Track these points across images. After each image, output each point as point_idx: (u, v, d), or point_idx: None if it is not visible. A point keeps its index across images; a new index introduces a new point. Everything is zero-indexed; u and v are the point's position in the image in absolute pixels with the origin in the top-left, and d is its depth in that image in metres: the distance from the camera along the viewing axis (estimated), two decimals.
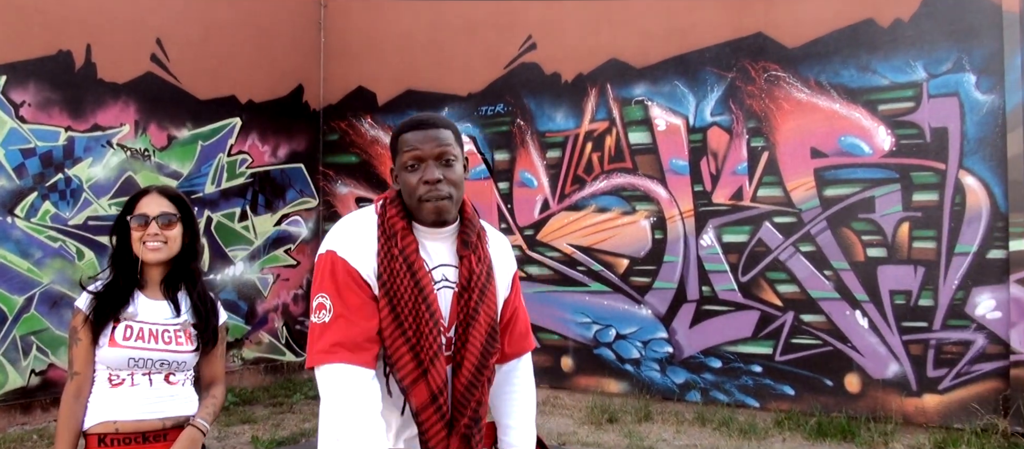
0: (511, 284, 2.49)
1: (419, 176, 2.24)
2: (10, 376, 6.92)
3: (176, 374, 2.89)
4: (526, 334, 2.53)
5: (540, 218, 8.25)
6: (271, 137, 9.04)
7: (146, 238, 2.86)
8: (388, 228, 2.28)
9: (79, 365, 2.81)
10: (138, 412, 2.80)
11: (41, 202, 7.14)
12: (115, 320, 2.82)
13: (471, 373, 2.30)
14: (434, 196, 2.23)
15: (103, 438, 2.77)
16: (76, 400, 2.79)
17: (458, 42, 8.64)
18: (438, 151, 2.25)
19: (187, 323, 2.92)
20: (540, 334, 8.20)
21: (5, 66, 6.89)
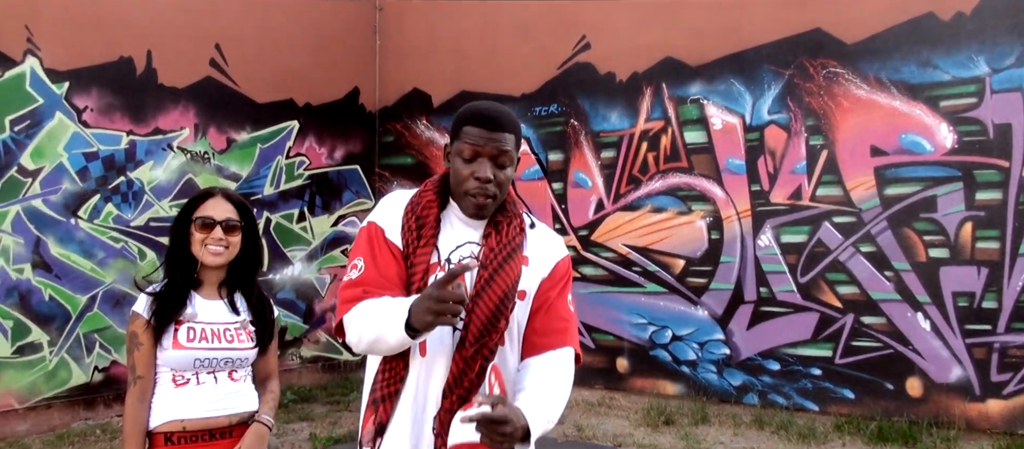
0: (550, 273, 2.47)
1: (471, 169, 2.32)
2: (74, 373, 7.23)
3: (238, 371, 2.96)
4: (562, 331, 2.45)
5: (594, 218, 8.34)
6: (328, 139, 9.28)
7: (209, 242, 2.91)
8: (417, 199, 2.41)
9: (142, 369, 2.86)
10: (205, 410, 2.86)
11: (104, 204, 7.45)
12: (176, 322, 2.87)
13: (470, 349, 2.29)
14: (480, 193, 2.32)
15: (170, 436, 2.83)
16: (141, 403, 2.84)
17: (512, 43, 8.77)
18: (496, 151, 2.32)
19: (246, 321, 2.99)
20: (595, 335, 8.31)
21: (68, 73, 7.20)
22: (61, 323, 7.16)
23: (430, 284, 2.12)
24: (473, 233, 2.42)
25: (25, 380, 6.92)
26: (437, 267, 2.35)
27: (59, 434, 6.93)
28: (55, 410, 7.11)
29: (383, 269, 2.34)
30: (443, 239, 2.39)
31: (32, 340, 6.96)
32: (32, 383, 6.96)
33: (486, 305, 2.30)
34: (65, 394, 7.18)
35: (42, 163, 7.03)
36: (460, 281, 2.14)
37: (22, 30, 6.89)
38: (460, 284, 2.10)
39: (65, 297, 7.20)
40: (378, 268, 2.34)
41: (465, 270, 2.10)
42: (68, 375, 7.20)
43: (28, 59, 6.93)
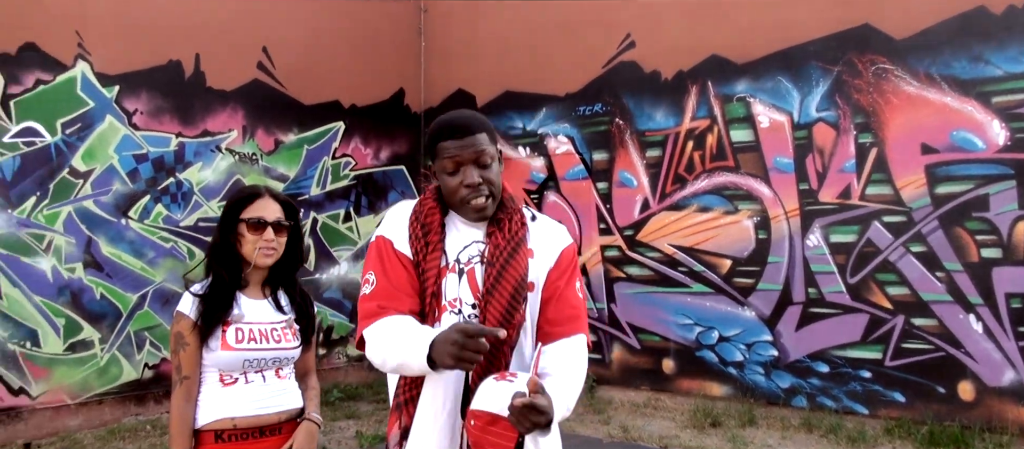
0: (556, 262, 2.53)
1: (459, 179, 2.40)
2: (124, 369, 7.42)
3: (284, 368, 2.99)
4: (574, 318, 2.51)
5: (640, 218, 8.31)
6: (373, 140, 9.39)
7: (261, 243, 2.92)
8: (420, 207, 2.49)
9: (188, 369, 2.86)
10: (255, 408, 2.89)
11: (154, 205, 7.63)
12: (223, 324, 2.88)
13: (490, 345, 2.28)
14: (474, 196, 2.40)
15: (221, 434, 2.85)
16: (187, 403, 2.85)
17: (556, 42, 8.78)
18: (475, 154, 2.40)
19: (291, 320, 3.01)
20: (641, 335, 8.28)
21: (118, 77, 7.38)
22: (112, 321, 7.35)
23: (455, 327, 2.15)
24: (477, 233, 2.49)
25: (77, 376, 7.12)
26: (446, 270, 2.42)
27: (110, 429, 7.11)
28: (106, 406, 7.29)
29: (394, 281, 2.41)
30: (450, 243, 2.46)
31: (84, 337, 7.16)
32: (84, 379, 7.16)
33: (499, 300, 2.38)
34: (116, 390, 7.37)
35: (93, 165, 7.22)
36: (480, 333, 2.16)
37: (73, 36, 7.08)
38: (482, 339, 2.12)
39: (116, 296, 7.38)
40: (389, 280, 2.41)
41: (498, 335, 2.12)
42: (119, 372, 7.39)
43: (79, 64, 7.12)
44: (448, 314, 2.40)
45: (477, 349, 2.10)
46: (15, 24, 6.76)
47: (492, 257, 2.42)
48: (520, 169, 9.02)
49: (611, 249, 8.48)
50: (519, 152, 9.06)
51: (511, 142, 9.05)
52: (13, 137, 6.75)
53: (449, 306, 2.41)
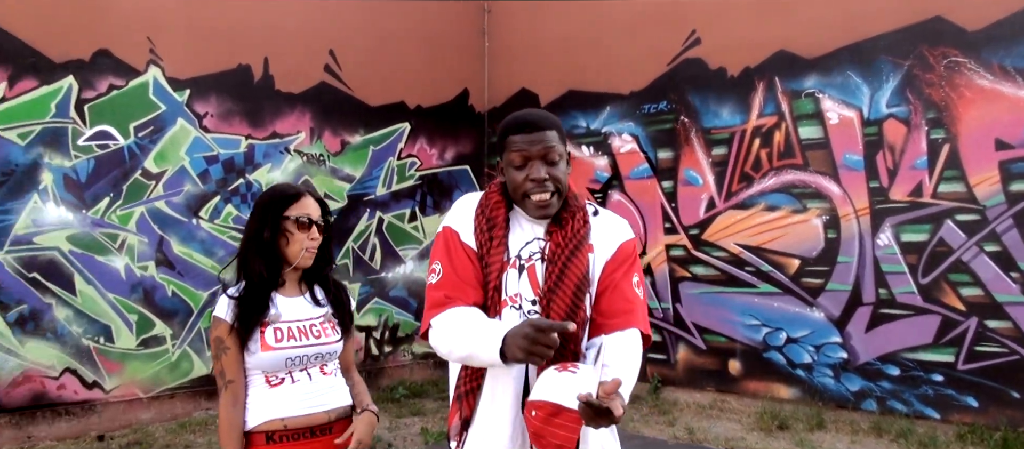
0: (614, 254, 2.54)
1: (525, 174, 2.43)
2: (195, 365, 7.65)
3: (328, 364, 2.96)
4: (628, 311, 2.50)
5: (706, 217, 8.21)
6: (438, 140, 9.49)
7: (308, 243, 2.90)
8: (485, 201, 2.53)
9: (232, 373, 2.84)
10: (304, 407, 2.86)
11: (224, 205, 7.85)
12: (261, 325, 2.85)
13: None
14: (538, 191, 2.42)
15: (272, 435, 2.82)
16: (234, 406, 2.82)
17: (620, 40, 8.73)
18: (543, 150, 2.42)
19: (329, 313, 2.99)
20: (707, 336, 8.18)
21: (189, 81, 7.60)
22: (183, 318, 7.58)
23: (528, 322, 2.18)
24: (540, 230, 2.51)
25: (149, 371, 7.37)
26: (508, 265, 2.46)
27: (181, 422, 7.33)
28: (177, 400, 7.53)
29: (460, 272, 2.45)
30: (513, 238, 2.49)
31: (156, 333, 7.40)
32: (156, 374, 7.41)
33: (562, 298, 2.40)
34: (187, 385, 7.60)
35: (165, 167, 7.46)
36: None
37: (145, 42, 7.32)
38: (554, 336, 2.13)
39: (187, 293, 7.62)
40: (456, 271, 2.44)
41: (567, 329, 2.12)
42: (190, 367, 7.62)
43: (151, 69, 7.37)
44: (508, 309, 2.43)
45: (548, 344, 2.11)
46: (89, 31, 7.02)
47: (553, 254, 2.45)
48: (584, 168, 8.99)
49: (676, 248, 8.39)
50: (583, 151, 9.04)
51: (575, 141, 9.03)
52: (87, 140, 7.02)
53: (510, 301, 2.44)
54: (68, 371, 6.88)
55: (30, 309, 6.69)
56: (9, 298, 6.58)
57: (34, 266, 6.72)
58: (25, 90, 6.67)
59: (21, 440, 6.58)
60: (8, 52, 6.58)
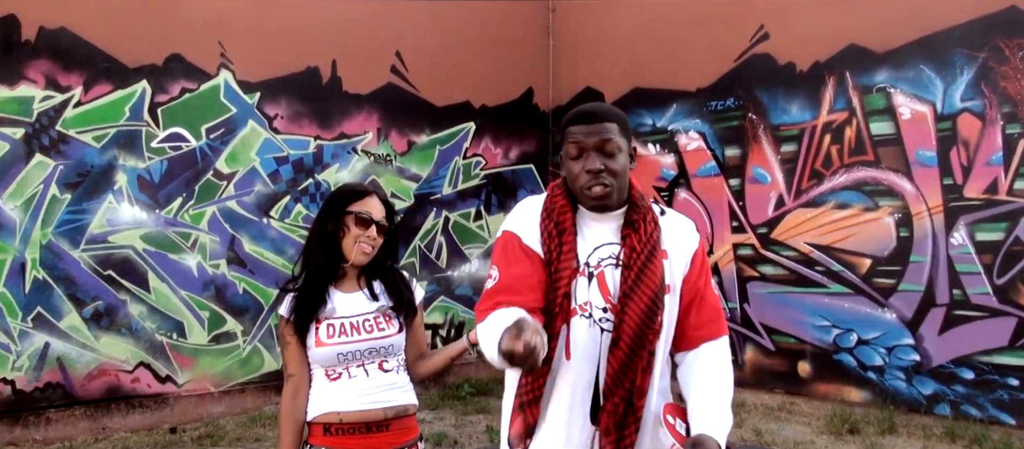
0: (690, 263, 2.52)
1: (581, 165, 2.40)
2: (265, 360, 7.86)
3: (388, 360, 2.96)
4: (715, 319, 2.53)
5: (774, 215, 8.07)
6: (503, 139, 9.55)
7: (363, 239, 2.94)
8: (550, 204, 2.48)
9: (293, 367, 2.94)
10: (360, 403, 2.90)
11: (293, 204, 8.04)
12: (316, 320, 2.93)
13: (627, 349, 2.36)
14: (593, 184, 2.38)
15: (329, 427, 2.89)
16: (293, 400, 2.92)
17: (686, 37, 8.63)
18: (600, 141, 2.38)
19: (384, 307, 3.00)
20: (775, 337, 8.04)
21: (259, 83, 7.82)
22: (254, 314, 7.80)
23: (518, 321, 2.11)
24: (609, 233, 2.47)
25: (221, 366, 7.60)
26: (577, 273, 2.41)
27: (251, 416, 7.54)
28: (248, 394, 7.75)
29: (517, 275, 2.40)
30: (581, 243, 2.45)
31: (227, 329, 7.63)
32: (227, 369, 7.63)
33: (638, 306, 2.36)
34: (257, 379, 7.81)
35: (236, 167, 7.68)
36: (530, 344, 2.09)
37: (216, 46, 7.55)
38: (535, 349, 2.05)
39: (257, 290, 7.83)
40: (511, 276, 2.41)
41: (532, 355, 2.03)
42: (260, 362, 7.83)
43: (222, 72, 7.59)
44: (578, 318, 2.39)
45: (524, 350, 2.01)
46: (161, 37, 7.27)
47: (628, 260, 2.41)
48: (650, 166, 8.93)
49: (744, 247, 8.27)
50: (649, 149, 8.97)
51: (640, 139, 8.97)
52: (161, 142, 7.27)
53: (579, 310, 2.40)
54: (142, 365, 7.15)
55: (105, 305, 6.97)
56: (85, 295, 6.87)
57: (109, 264, 7.00)
58: (100, 94, 6.95)
59: (96, 431, 6.86)
60: (83, 58, 6.87)
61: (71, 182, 6.79)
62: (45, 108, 6.66)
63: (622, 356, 2.35)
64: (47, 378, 6.65)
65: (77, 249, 6.83)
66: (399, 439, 2.96)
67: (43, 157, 6.65)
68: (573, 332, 2.38)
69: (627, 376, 2.35)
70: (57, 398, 6.70)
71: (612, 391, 2.36)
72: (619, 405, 2.35)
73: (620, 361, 2.35)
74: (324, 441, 2.89)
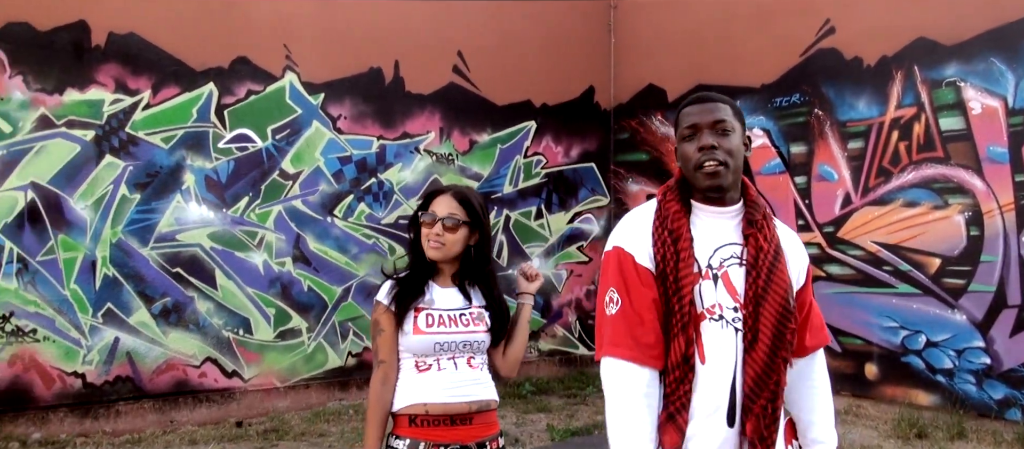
0: (805, 275, 2.53)
1: (695, 144, 2.38)
2: (330, 357, 8.06)
3: (476, 357, 3.08)
4: (822, 327, 2.58)
5: (841, 214, 7.92)
6: (564, 138, 9.58)
7: (430, 237, 3.06)
8: (663, 211, 2.43)
9: (384, 354, 3.04)
10: (446, 395, 3.00)
11: (357, 204, 8.22)
12: (415, 309, 3.03)
13: (766, 352, 2.35)
14: (707, 159, 2.35)
15: (414, 418, 2.98)
16: (383, 385, 3.02)
17: (750, 32, 8.53)
18: (713, 120, 2.38)
19: (479, 308, 3.12)
20: (842, 338, 7.89)
21: (323, 85, 8.02)
22: (318, 311, 7.99)
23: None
24: (728, 231, 2.45)
25: (286, 362, 7.81)
26: (699, 277, 2.38)
27: (315, 412, 7.73)
28: (313, 390, 7.94)
29: (639, 304, 2.37)
30: (700, 245, 2.41)
31: (292, 326, 7.84)
32: (292, 365, 7.84)
33: (772, 306, 2.35)
34: (321, 376, 8.01)
35: (301, 167, 7.88)
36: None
37: (281, 49, 7.77)
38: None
39: (322, 288, 8.02)
40: (634, 304, 2.38)
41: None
42: (324, 358, 8.02)
43: (287, 74, 7.81)
44: (708, 322, 2.37)
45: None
46: (227, 40, 7.51)
47: (756, 260, 2.39)
48: None
49: (810, 246, 8.13)
50: None
51: None
52: (227, 143, 7.51)
53: (707, 313, 2.37)
54: (209, 360, 7.39)
55: (173, 302, 7.24)
56: (154, 292, 7.14)
57: (177, 262, 7.26)
58: (168, 97, 7.22)
59: (164, 424, 7.12)
60: (152, 62, 7.14)
61: (140, 182, 7.08)
62: (115, 111, 6.96)
63: (763, 358, 2.35)
64: (117, 372, 6.95)
65: (146, 247, 7.10)
66: (482, 432, 3.05)
67: (113, 158, 6.95)
68: (706, 336, 2.37)
69: (771, 378, 2.35)
70: (126, 391, 6.99)
71: (757, 393, 2.35)
72: (766, 407, 2.35)
73: (762, 363, 2.35)
74: (409, 432, 2.99)
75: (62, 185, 6.75)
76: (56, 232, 6.72)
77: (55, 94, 6.72)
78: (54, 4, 6.76)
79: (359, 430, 7.12)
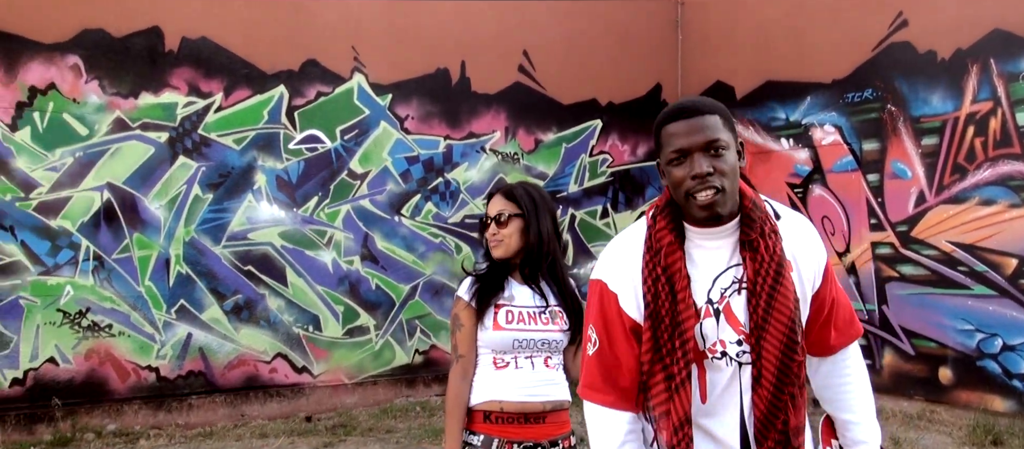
0: (823, 274, 2.30)
1: (685, 170, 2.11)
2: (397, 354, 8.25)
3: (552, 357, 3.13)
4: (851, 321, 2.37)
5: (915, 212, 7.75)
6: (630, 136, 9.58)
7: (489, 238, 3.17)
8: (654, 243, 2.21)
9: (463, 348, 3.12)
10: (522, 394, 3.05)
11: (424, 203, 8.39)
12: (495, 305, 3.10)
13: (771, 388, 2.17)
14: (702, 188, 2.10)
15: (488, 415, 3.05)
16: (462, 380, 3.10)
17: (820, 26, 8.39)
18: (704, 140, 2.11)
19: (556, 308, 3.14)
20: (915, 341, 7.74)
21: (391, 86, 8.21)
22: (386, 309, 8.19)
23: None
24: (726, 254, 2.23)
25: (354, 359, 8.02)
26: (700, 315, 2.20)
27: (383, 408, 7.92)
28: (380, 387, 8.14)
29: (617, 352, 2.25)
30: (697, 277, 2.21)
31: (360, 324, 8.05)
32: (360, 362, 8.05)
33: (775, 337, 2.17)
34: (389, 373, 8.20)
35: (369, 167, 8.08)
36: None
37: (350, 51, 7.98)
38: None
39: (390, 286, 8.21)
40: (612, 347, 2.26)
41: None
42: (392, 356, 8.21)
43: (355, 76, 8.01)
44: (711, 360, 2.21)
45: None
46: (297, 43, 7.74)
47: (754, 286, 2.18)
48: (783, 162, 8.74)
49: (883, 246, 7.98)
50: (782, 144, 8.79)
51: (773, 134, 8.80)
52: (297, 144, 7.75)
53: (709, 353, 2.21)
54: (279, 356, 7.65)
55: (245, 299, 7.51)
56: (226, 289, 7.42)
57: (249, 260, 7.53)
58: (239, 99, 7.51)
59: (235, 418, 7.39)
60: (223, 65, 7.44)
61: (213, 182, 7.37)
62: (188, 113, 7.27)
63: (768, 397, 2.18)
64: (189, 366, 7.26)
65: (218, 245, 7.39)
66: (554, 431, 3.11)
67: (186, 159, 7.25)
68: (709, 375, 2.22)
69: (778, 418, 2.18)
70: (198, 386, 7.29)
71: (764, 435, 2.20)
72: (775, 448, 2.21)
73: (767, 402, 2.18)
74: (484, 428, 3.07)
75: (137, 185, 7.10)
76: (131, 231, 7.06)
77: (130, 98, 7.07)
78: (129, 11, 7.09)
79: (426, 427, 7.27)
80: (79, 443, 6.71)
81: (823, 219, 8.35)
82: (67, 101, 6.85)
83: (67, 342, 6.85)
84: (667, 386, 2.16)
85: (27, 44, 6.72)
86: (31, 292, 6.76)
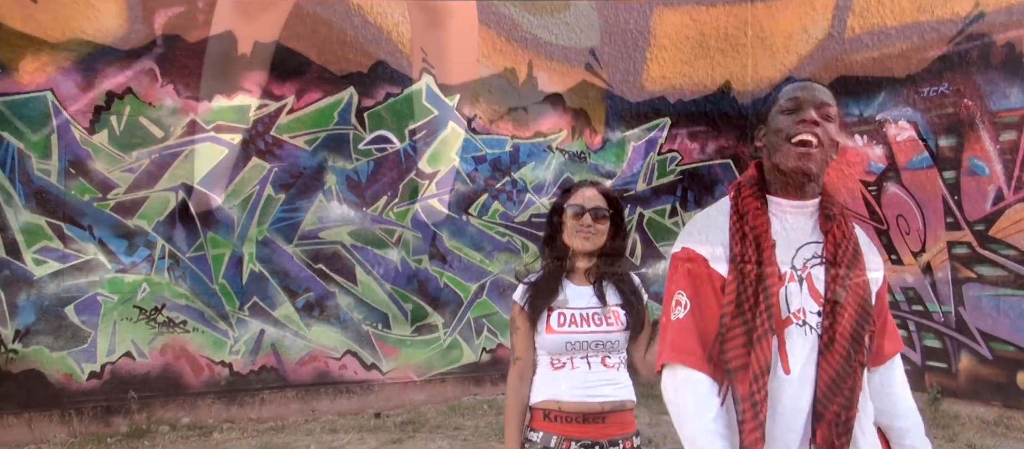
0: (881, 281, 2.41)
1: (795, 117, 2.26)
2: (465, 352, 8.39)
3: (611, 356, 3.15)
4: (896, 333, 2.50)
5: (993, 211, 7.59)
6: (699, 134, 9.57)
7: (578, 228, 3.17)
8: (741, 207, 2.32)
9: (520, 351, 3.20)
10: (580, 394, 3.10)
11: (491, 202, 8.51)
12: (549, 309, 3.16)
13: (843, 354, 2.22)
14: (805, 131, 2.23)
15: (548, 414, 3.12)
16: (520, 381, 3.18)
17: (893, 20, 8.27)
18: (820, 101, 2.27)
19: (613, 305, 3.18)
20: (992, 344, 7.57)
21: (458, 86, 8.35)
22: (454, 308, 8.33)
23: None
24: (808, 228, 2.34)
25: (422, 356, 8.17)
26: (787, 278, 2.28)
27: (451, 405, 8.06)
28: (448, 384, 8.28)
29: (707, 312, 2.28)
30: (780, 246, 2.29)
31: (429, 321, 8.20)
32: (428, 359, 8.20)
33: (852, 303, 2.25)
34: (457, 370, 8.34)
35: (437, 167, 8.23)
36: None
37: (418, 52, 8.11)
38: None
39: (457, 285, 8.35)
40: (702, 311, 2.28)
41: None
42: (459, 354, 8.35)
43: (424, 77, 8.15)
44: (793, 327, 2.26)
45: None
46: (366, 46, 7.92)
47: (835, 256, 2.29)
48: (857, 159, 8.62)
49: (959, 246, 7.83)
50: (856, 141, 8.67)
51: (846, 130, 8.68)
52: (367, 144, 7.93)
53: (793, 318, 2.26)
54: (349, 353, 7.84)
55: (316, 296, 7.73)
56: (297, 287, 7.64)
57: (319, 258, 7.74)
58: (311, 101, 7.72)
59: (306, 413, 7.60)
60: (296, 68, 7.65)
61: (285, 183, 7.59)
62: (260, 115, 7.50)
63: (838, 360, 2.22)
64: (262, 362, 7.49)
65: (290, 244, 7.60)
66: (616, 431, 3.13)
67: (259, 160, 7.49)
68: (789, 343, 2.25)
69: (846, 382, 2.21)
70: (271, 381, 7.52)
71: (830, 399, 2.21)
72: (839, 414, 2.22)
73: (836, 366, 2.22)
74: (543, 426, 3.14)
75: (211, 186, 7.35)
76: (205, 230, 7.32)
77: (204, 101, 7.31)
78: (202, 17, 7.33)
79: (493, 424, 7.37)
80: (154, 435, 6.99)
81: (898, 217, 8.22)
82: (143, 105, 7.13)
83: (143, 337, 7.14)
84: (747, 340, 2.20)
85: (105, 50, 7.01)
86: (108, 289, 7.05)
